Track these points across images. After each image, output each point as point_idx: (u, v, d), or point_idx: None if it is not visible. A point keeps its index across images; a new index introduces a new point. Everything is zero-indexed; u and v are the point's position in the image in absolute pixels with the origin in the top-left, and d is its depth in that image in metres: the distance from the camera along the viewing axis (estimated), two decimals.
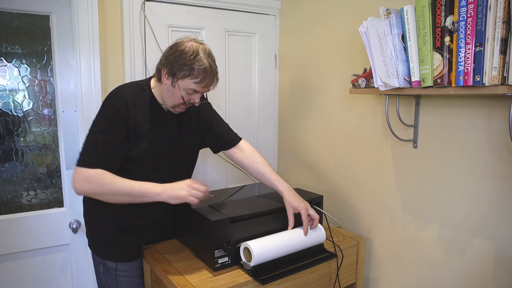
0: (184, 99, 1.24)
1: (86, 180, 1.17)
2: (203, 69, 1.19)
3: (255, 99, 2.12)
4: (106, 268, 1.39)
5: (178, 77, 1.21)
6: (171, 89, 1.24)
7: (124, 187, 1.17)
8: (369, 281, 1.65)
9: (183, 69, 1.19)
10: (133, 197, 1.20)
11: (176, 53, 1.20)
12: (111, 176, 1.18)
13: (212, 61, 1.22)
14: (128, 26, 1.69)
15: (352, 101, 1.68)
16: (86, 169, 1.17)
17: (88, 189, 1.19)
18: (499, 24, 0.94)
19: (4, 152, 1.59)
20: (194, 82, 1.20)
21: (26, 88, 1.60)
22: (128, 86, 1.31)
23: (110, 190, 1.17)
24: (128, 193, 1.18)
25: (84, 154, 1.20)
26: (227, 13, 1.95)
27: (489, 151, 1.20)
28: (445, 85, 1.09)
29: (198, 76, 1.20)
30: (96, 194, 1.20)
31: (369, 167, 1.62)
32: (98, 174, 1.17)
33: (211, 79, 1.23)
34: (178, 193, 1.19)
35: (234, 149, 1.49)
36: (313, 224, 1.34)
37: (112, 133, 1.22)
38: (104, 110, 1.25)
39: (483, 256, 1.23)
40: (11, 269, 1.61)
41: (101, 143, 1.20)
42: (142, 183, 1.20)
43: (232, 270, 1.26)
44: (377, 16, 1.23)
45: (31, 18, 1.57)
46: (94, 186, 1.17)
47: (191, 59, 1.18)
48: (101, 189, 1.18)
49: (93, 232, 1.41)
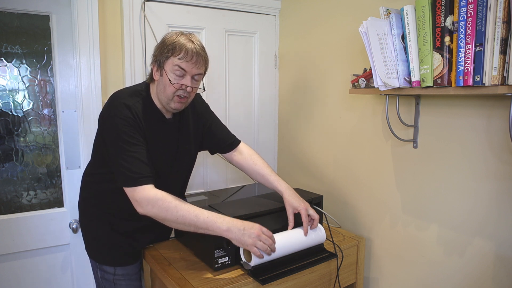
0: (173, 84, 1.18)
1: (150, 203, 1.11)
2: (184, 45, 1.17)
3: (255, 99, 2.12)
4: (104, 272, 1.38)
5: (163, 63, 1.19)
6: (161, 80, 1.21)
7: (190, 216, 1.11)
8: (369, 281, 1.65)
9: (165, 52, 1.18)
10: (197, 228, 1.13)
11: (159, 44, 1.21)
12: (176, 201, 1.13)
13: (196, 42, 1.19)
14: (128, 26, 1.69)
15: (352, 101, 1.67)
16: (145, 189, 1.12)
17: (153, 213, 1.13)
18: (499, 24, 0.94)
19: (4, 152, 1.59)
20: (178, 58, 1.17)
21: (26, 88, 1.60)
22: (127, 94, 1.25)
23: (176, 217, 1.12)
24: (193, 224, 1.12)
25: (132, 172, 1.12)
26: (227, 13, 1.95)
27: (489, 151, 1.20)
28: (445, 85, 1.09)
29: (181, 51, 1.16)
30: (160, 218, 1.14)
31: (369, 167, 1.62)
32: (162, 197, 1.12)
33: (197, 56, 1.18)
34: (244, 239, 1.13)
35: (234, 152, 1.48)
36: (313, 224, 1.34)
37: (139, 142, 1.18)
38: (118, 125, 1.17)
39: (483, 256, 1.23)
40: (11, 269, 1.61)
41: (139, 155, 1.15)
42: (209, 214, 1.13)
43: (232, 270, 1.26)
44: (377, 16, 1.23)
45: (31, 18, 1.57)
46: (158, 210, 1.12)
47: (171, 41, 1.18)
48: (166, 215, 1.12)
49: (89, 237, 1.40)
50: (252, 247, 1.13)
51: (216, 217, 1.13)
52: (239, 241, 1.13)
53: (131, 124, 1.18)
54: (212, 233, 1.13)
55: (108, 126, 1.20)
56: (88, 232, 1.40)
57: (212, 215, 1.14)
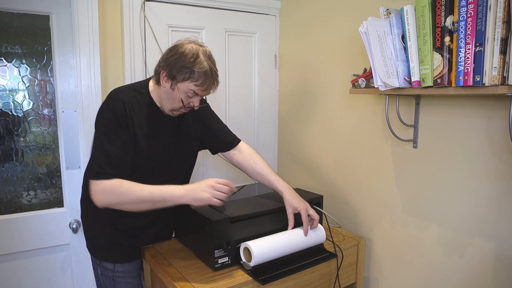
0: (183, 102, 1.22)
1: (106, 192, 1.15)
2: (203, 72, 1.17)
3: (255, 99, 2.12)
4: (104, 269, 1.38)
5: (177, 80, 1.19)
6: (170, 92, 1.22)
7: (143, 194, 1.15)
8: (369, 281, 1.65)
9: (183, 72, 1.17)
10: (154, 203, 1.17)
11: (176, 55, 1.18)
12: (129, 184, 1.16)
13: (212, 63, 1.20)
14: (128, 26, 1.69)
15: (352, 101, 1.68)
16: (103, 181, 1.15)
17: (109, 201, 1.16)
18: (499, 24, 0.94)
19: (4, 152, 1.59)
20: (195, 84, 1.19)
21: (26, 88, 1.60)
22: (125, 89, 1.29)
23: (130, 199, 1.15)
24: (149, 199, 1.16)
25: (98, 165, 1.17)
26: (227, 13, 1.95)
27: (489, 151, 1.20)
28: (445, 85, 1.09)
29: (199, 79, 1.18)
30: (117, 204, 1.18)
31: (369, 167, 1.62)
32: (116, 185, 1.15)
33: (212, 82, 1.21)
34: (200, 195, 1.16)
35: (233, 151, 1.48)
36: (313, 224, 1.34)
37: (119, 138, 1.20)
38: (104, 117, 1.22)
39: (483, 256, 1.23)
40: (11, 269, 1.61)
41: (112, 150, 1.18)
42: (162, 187, 1.16)
43: (232, 270, 1.25)
44: (377, 16, 1.23)
45: (31, 18, 1.57)
46: (114, 197, 1.15)
47: (191, 61, 1.16)
48: (121, 199, 1.16)
49: (90, 234, 1.41)
50: (211, 199, 1.16)
51: (169, 188, 1.17)
52: (197, 199, 1.16)
53: (119, 119, 1.20)
54: (170, 203, 1.17)
55: (98, 116, 1.24)
56: (89, 229, 1.41)
57: (166, 187, 1.17)
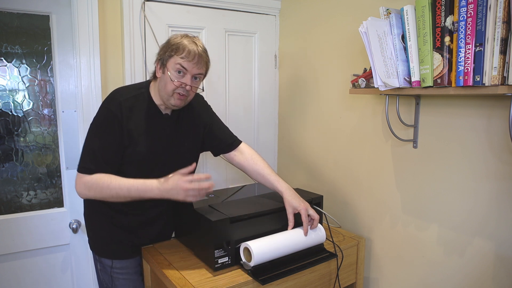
0: (174, 82, 1.24)
1: (86, 186, 1.23)
2: (187, 46, 1.23)
3: (255, 99, 2.12)
4: (103, 265, 1.41)
5: (166, 61, 1.25)
6: (163, 77, 1.27)
7: (122, 191, 1.21)
8: (369, 281, 1.65)
9: (168, 51, 1.25)
10: (133, 197, 1.23)
11: (164, 45, 1.28)
12: (108, 179, 1.22)
13: (199, 44, 1.26)
14: (128, 26, 1.69)
15: (352, 101, 1.67)
16: (85, 176, 1.23)
17: (90, 194, 1.24)
18: (499, 24, 0.94)
19: (4, 152, 1.59)
20: (180, 57, 1.23)
21: (26, 88, 1.60)
22: (125, 89, 1.34)
23: (110, 194, 1.22)
24: (129, 196, 1.22)
25: (82, 160, 1.25)
26: (227, 13, 1.95)
27: (489, 151, 1.20)
28: (445, 85, 1.09)
29: (183, 51, 1.23)
30: (99, 198, 1.25)
31: (369, 167, 1.62)
32: (96, 180, 1.22)
33: (199, 56, 1.24)
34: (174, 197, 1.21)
35: (234, 152, 1.49)
36: (313, 224, 1.34)
37: (107, 137, 1.25)
38: (99, 115, 1.29)
39: (483, 256, 1.23)
40: (11, 269, 1.61)
41: (98, 147, 1.24)
42: (139, 183, 1.22)
43: (232, 270, 1.26)
44: (377, 16, 1.23)
45: (31, 18, 1.57)
46: (94, 191, 1.23)
47: (176, 42, 1.24)
48: (101, 194, 1.23)
49: (91, 230, 1.43)
50: (187, 198, 1.21)
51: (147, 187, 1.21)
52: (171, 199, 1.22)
53: (111, 119, 1.25)
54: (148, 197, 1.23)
55: (96, 113, 1.30)
56: (90, 224, 1.43)
57: (143, 186, 1.21)
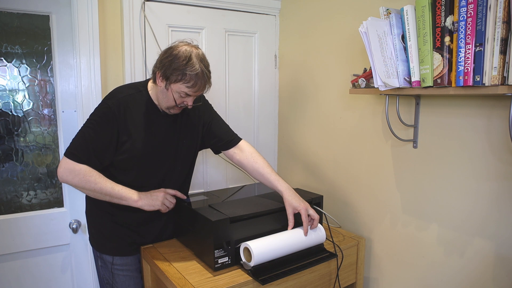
0: (176, 102, 1.28)
1: (72, 172, 1.24)
2: (195, 75, 1.22)
3: (255, 99, 2.12)
4: (104, 262, 1.42)
5: (171, 81, 1.24)
6: (164, 91, 1.27)
7: (106, 188, 1.25)
8: (369, 281, 1.65)
9: (175, 73, 1.22)
10: (112, 198, 1.28)
11: (170, 57, 1.23)
12: (97, 175, 1.25)
13: (204, 66, 1.25)
14: (128, 26, 1.69)
15: (352, 101, 1.67)
16: (73, 162, 1.24)
17: (72, 181, 1.25)
18: (499, 24, 0.94)
19: (4, 152, 1.59)
20: (186, 86, 1.24)
21: (26, 88, 1.60)
22: (125, 87, 1.36)
23: (93, 188, 1.25)
24: (109, 193, 1.26)
25: (73, 147, 1.26)
26: (227, 13, 1.95)
27: (489, 151, 1.20)
28: (445, 85, 1.09)
29: (190, 81, 1.22)
30: (78, 187, 1.26)
31: (369, 167, 1.62)
32: (84, 170, 1.24)
33: (203, 84, 1.25)
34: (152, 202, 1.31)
35: (234, 150, 1.49)
36: (313, 224, 1.34)
37: (102, 131, 1.26)
38: (98, 109, 1.30)
39: (483, 256, 1.23)
40: (11, 269, 1.61)
41: (90, 138, 1.25)
42: (123, 188, 1.28)
43: (232, 270, 1.26)
44: (377, 16, 1.23)
45: (31, 18, 1.57)
46: (78, 180, 1.24)
47: (183, 64, 1.21)
48: (84, 185, 1.24)
49: (92, 227, 1.45)
50: (161, 206, 1.33)
51: (129, 191, 1.30)
52: (150, 205, 1.31)
53: (109, 115, 1.26)
54: (125, 203, 1.29)
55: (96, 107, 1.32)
56: (91, 221, 1.45)
57: (126, 189, 1.29)
